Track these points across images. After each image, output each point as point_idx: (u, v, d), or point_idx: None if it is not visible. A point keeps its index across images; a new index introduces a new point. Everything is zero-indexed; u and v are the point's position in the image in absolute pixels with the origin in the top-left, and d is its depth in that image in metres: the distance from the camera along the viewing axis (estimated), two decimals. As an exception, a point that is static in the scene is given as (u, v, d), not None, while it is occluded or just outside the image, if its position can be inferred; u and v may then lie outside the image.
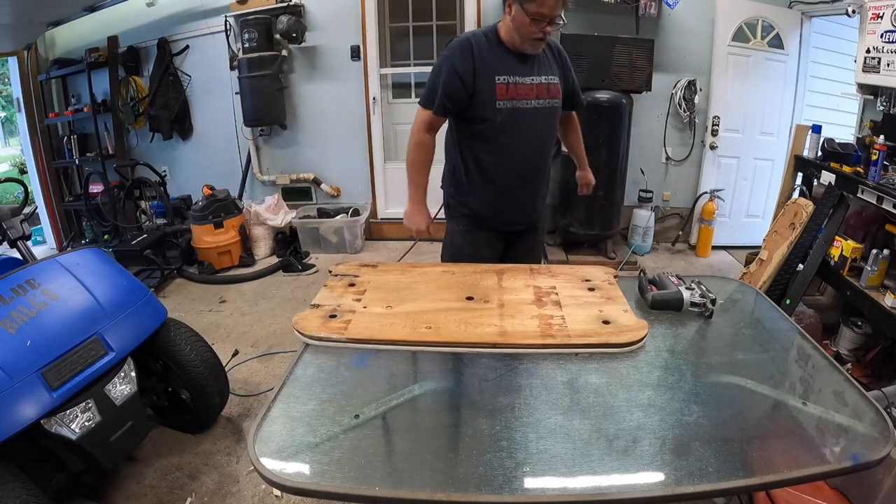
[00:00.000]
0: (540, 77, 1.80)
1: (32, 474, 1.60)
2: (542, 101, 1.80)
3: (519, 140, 1.81)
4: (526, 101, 1.78)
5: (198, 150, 4.78)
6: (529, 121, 1.80)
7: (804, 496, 1.51)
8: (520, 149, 1.83)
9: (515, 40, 1.73)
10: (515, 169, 1.86)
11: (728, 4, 3.82)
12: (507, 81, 1.74)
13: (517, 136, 1.80)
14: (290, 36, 4.06)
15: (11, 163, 7.61)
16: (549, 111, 1.84)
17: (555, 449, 0.94)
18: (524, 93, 1.77)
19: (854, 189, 2.51)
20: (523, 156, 1.85)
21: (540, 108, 1.81)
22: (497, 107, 1.75)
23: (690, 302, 1.38)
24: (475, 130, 1.81)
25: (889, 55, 2.55)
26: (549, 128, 1.89)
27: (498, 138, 1.80)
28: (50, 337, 1.67)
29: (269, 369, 2.72)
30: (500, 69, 1.74)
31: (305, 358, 1.23)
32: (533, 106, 1.79)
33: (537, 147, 1.87)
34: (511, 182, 1.88)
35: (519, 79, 1.76)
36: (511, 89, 1.75)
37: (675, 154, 4.22)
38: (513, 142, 1.81)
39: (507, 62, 1.75)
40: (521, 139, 1.81)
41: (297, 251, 4.29)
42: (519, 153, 1.83)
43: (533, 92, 1.78)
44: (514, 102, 1.76)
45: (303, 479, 0.89)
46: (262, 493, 1.92)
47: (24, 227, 2.19)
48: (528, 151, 1.85)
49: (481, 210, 1.92)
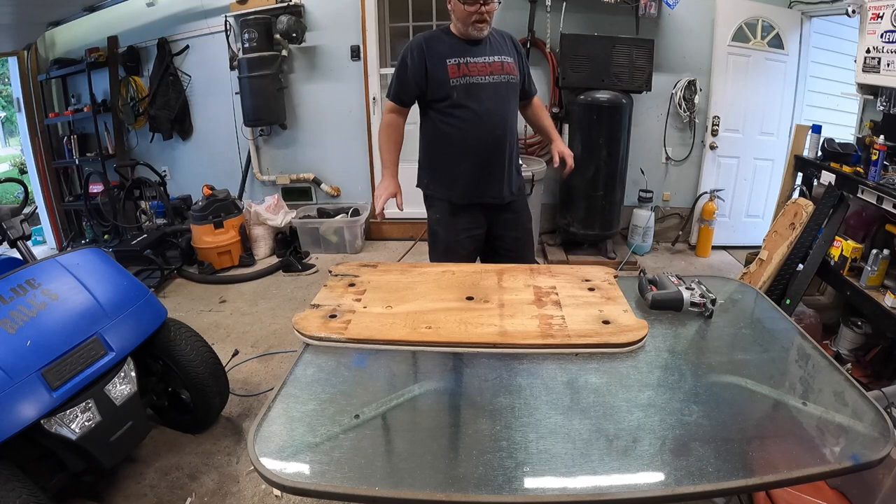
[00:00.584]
0: (493, 56, 2.00)
1: (32, 474, 1.60)
2: (497, 77, 1.99)
3: (478, 112, 1.98)
4: (480, 77, 1.97)
5: (198, 150, 4.78)
6: (486, 94, 1.98)
7: (804, 496, 1.51)
8: (479, 120, 1.98)
9: (461, 28, 1.97)
10: (480, 139, 2.01)
11: (728, 4, 3.82)
12: (457, 62, 1.96)
13: (476, 108, 1.97)
14: (290, 36, 4.06)
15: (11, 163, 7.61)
16: (505, 86, 2.02)
17: (555, 449, 0.94)
18: (477, 70, 1.97)
19: (854, 189, 2.51)
20: (484, 126, 2.00)
21: (496, 83, 1.99)
22: (451, 84, 1.96)
23: (690, 302, 1.38)
24: (438, 109, 2.01)
25: (889, 55, 2.55)
26: (507, 101, 2.04)
27: (457, 112, 1.99)
28: (50, 337, 1.67)
29: (269, 369, 2.72)
30: (450, 54, 1.97)
31: (305, 358, 1.23)
32: (488, 81, 1.98)
33: (498, 118, 2.01)
34: (478, 153, 2.02)
35: (471, 59, 1.97)
36: (462, 68, 1.96)
37: (675, 154, 4.22)
38: (472, 115, 1.98)
39: (458, 48, 1.98)
40: (480, 111, 1.98)
41: (297, 251, 4.29)
42: (479, 123, 1.99)
43: (487, 69, 1.98)
44: (468, 78, 1.96)
45: (303, 479, 0.89)
46: (262, 493, 1.92)
47: (24, 227, 2.19)
48: (488, 122, 2.00)
49: (455, 186, 2.06)
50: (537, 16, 3.89)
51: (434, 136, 2.07)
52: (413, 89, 2.00)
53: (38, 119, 4.75)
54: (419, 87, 1.99)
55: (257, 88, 4.15)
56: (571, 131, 3.78)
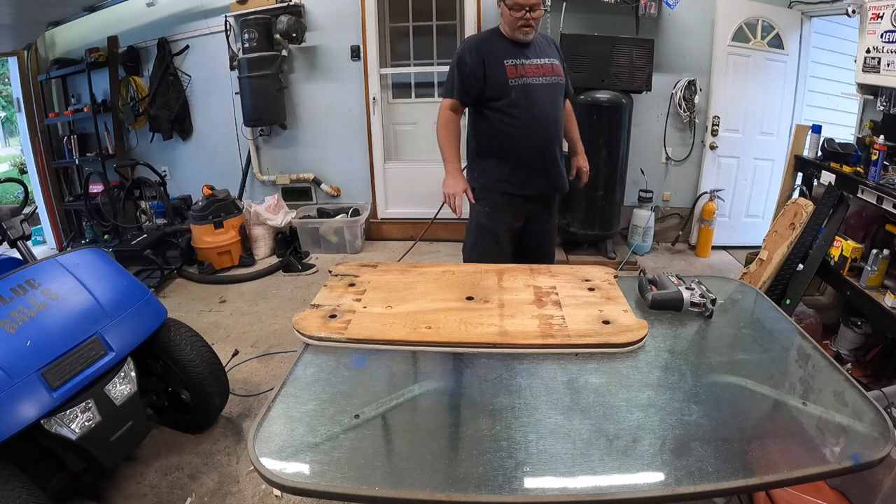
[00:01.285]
0: (542, 59, 2.11)
1: (32, 474, 1.60)
2: (548, 79, 2.11)
3: (533, 111, 2.09)
4: (535, 78, 2.08)
5: (198, 150, 4.78)
6: (540, 95, 2.10)
7: (804, 496, 1.51)
8: (535, 119, 2.10)
9: (508, 32, 2.07)
10: (534, 137, 2.12)
11: (728, 4, 3.82)
12: (514, 63, 2.06)
13: (531, 108, 2.09)
14: (290, 36, 4.06)
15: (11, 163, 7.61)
16: (555, 87, 2.15)
17: (555, 449, 0.94)
18: (532, 71, 2.08)
19: (854, 189, 2.51)
20: (540, 125, 2.12)
21: (547, 84, 2.11)
22: (510, 84, 2.06)
23: (690, 302, 1.38)
24: (494, 108, 2.10)
25: (889, 55, 2.55)
26: (558, 102, 2.18)
27: (515, 112, 2.09)
28: (50, 337, 1.67)
29: (269, 369, 2.72)
30: (507, 55, 2.07)
31: (305, 358, 1.23)
32: (541, 82, 2.10)
33: (551, 117, 2.15)
34: (534, 149, 2.14)
35: (525, 61, 2.08)
36: (520, 68, 2.07)
37: (675, 154, 4.22)
38: (528, 114, 2.09)
39: (511, 49, 2.08)
40: (534, 111, 2.09)
41: (297, 251, 4.29)
42: (535, 123, 2.11)
43: (539, 70, 2.09)
44: (525, 80, 2.07)
45: (303, 479, 0.89)
46: (262, 493, 1.92)
47: (24, 227, 2.19)
48: (543, 121, 2.12)
49: (511, 179, 2.16)
50: (537, 16, 3.88)
51: (490, 133, 2.16)
52: (473, 88, 2.08)
53: (38, 119, 4.75)
54: (479, 85, 2.08)
55: (257, 88, 4.15)
56: (571, 131, 3.78)
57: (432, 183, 2.06)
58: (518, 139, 2.12)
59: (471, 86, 2.09)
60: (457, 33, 4.28)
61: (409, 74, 4.43)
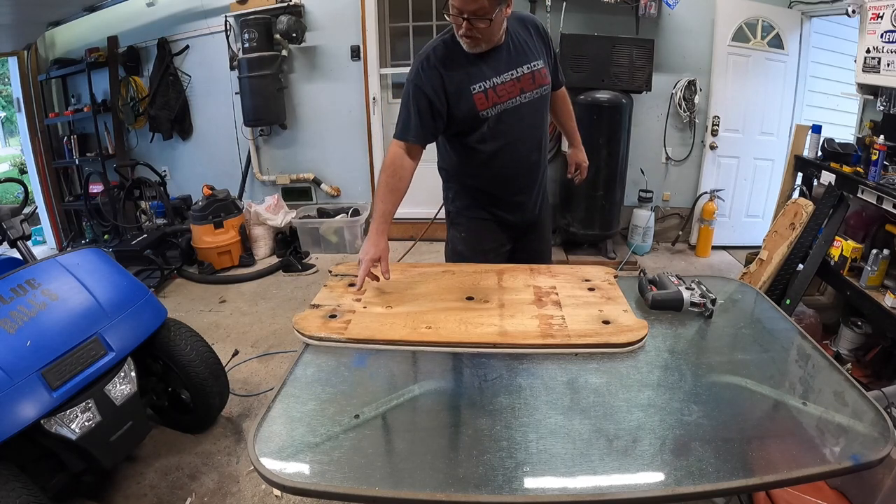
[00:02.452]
0: (521, 67, 1.64)
1: (32, 474, 1.60)
2: (529, 94, 1.66)
3: (511, 141, 1.70)
4: (512, 100, 1.64)
5: (198, 150, 4.78)
6: (521, 117, 1.68)
7: (804, 496, 1.51)
8: (513, 149, 1.72)
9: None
10: (514, 166, 1.75)
11: (728, 4, 3.82)
12: (483, 88, 1.61)
13: (508, 137, 1.69)
14: (290, 36, 4.06)
15: (11, 163, 7.61)
16: (538, 101, 1.70)
17: (555, 449, 0.94)
18: (507, 92, 1.63)
19: (854, 189, 2.51)
20: (518, 154, 1.74)
21: (528, 102, 1.67)
22: (481, 116, 1.63)
23: (690, 302, 1.38)
24: (465, 141, 1.70)
25: (889, 55, 2.55)
26: (542, 118, 1.76)
27: (488, 146, 1.69)
28: (50, 337, 1.67)
29: (269, 369, 2.72)
30: (473, 78, 1.60)
31: (305, 358, 1.23)
32: (520, 102, 1.66)
33: (532, 142, 1.75)
34: (508, 183, 1.78)
35: (497, 79, 1.61)
36: (491, 94, 1.61)
37: (675, 154, 4.22)
38: (505, 144, 1.70)
39: (476, 68, 1.60)
40: (513, 139, 1.70)
41: (297, 251, 4.29)
42: (513, 154, 1.73)
43: (517, 87, 1.64)
44: (500, 106, 1.64)
45: (303, 479, 0.89)
46: (262, 493, 1.92)
47: (24, 227, 2.19)
48: (522, 150, 1.74)
49: (481, 213, 1.85)
50: (537, 16, 3.89)
51: (459, 164, 1.79)
52: (437, 127, 1.64)
53: (38, 119, 4.75)
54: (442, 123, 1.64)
55: (257, 88, 4.15)
56: (571, 131, 3.78)
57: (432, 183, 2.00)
58: (492, 173, 1.75)
59: (431, 125, 1.62)
60: (457, 33, 4.27)
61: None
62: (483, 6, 1.44)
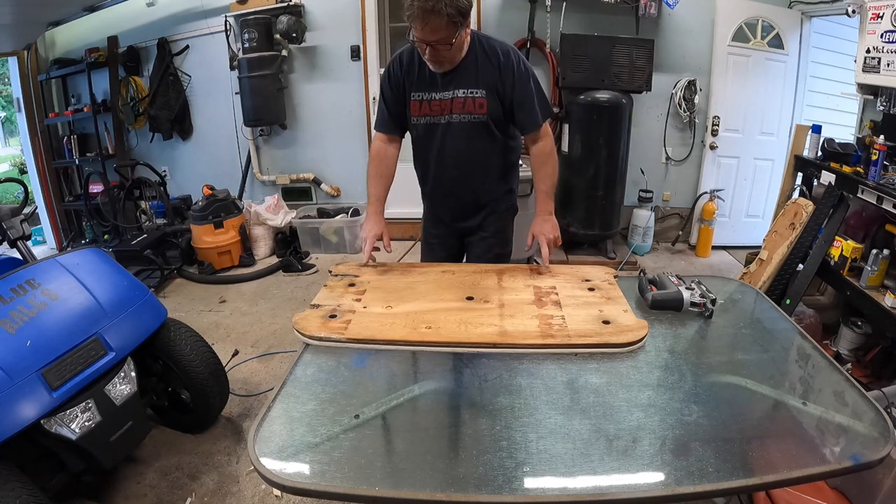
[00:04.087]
0: (459, 90, 1.70)
1: (32, 474, 1.60)
2: (458, 116, 1.73)
3: (434, 154, 1.82)
4: (439, 117, 1.75)
5: (198, 150, 4.78)
6: (443, 136, 1.77)
7: (804, 496, 1.51)
8: (437, 163, 1.83)
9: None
10: (440, 180, 1.88)
11: (728, 4, 3.82)
12: (420, 98, 1.75)
13: (432, 150, 1.81)
14: (290, 36, 4.06)
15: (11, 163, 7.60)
16: (468, 126, 1.74)
17: (555, 449, 0.94)
18: (437, 108, 1.74)
19: (854, 189, 2.51)
20: (441, 169, 1.84)
21: (454, 124, 1.74)
22: (412, 122, 1.79)
23: (690, 302, 1.38)
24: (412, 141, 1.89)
25: (889, 55, 2.55)
26: (468, 143, 1.77)
27: (419, 152, 1.87)
28: (50, 337, 1.67)
29: (269, 369, 2.72)
30: (418, 85, 1.74)
31: (305, 358, 1.23)
32: (447, 122, 1.75)
33: (455, 162, 1.81)
34: (440, 190, 1.91)
35: (434, 94, 1.73)
36: (424, 106, 1.75)
37: (675, 154, 4.22)
38: (430, 156, 1.83)
39: (424, 78, 1.72)
40: (435, 154, 1.81)
41: (297, 251, 4.29)
42: (437, 167, 1.84)
43: (447, 107, 1.73)
44: (428, 118, 1.76)
45: (303, 479, 0.89)
46: (262, 493, 1.92)
47: (24, 227, 2.19)
48: (444, 165, 1.83)
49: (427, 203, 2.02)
50: (537, 16, 3.89)
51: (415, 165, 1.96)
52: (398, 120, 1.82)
53: (38, 119, 4.75)
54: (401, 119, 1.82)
55: (257, 88, 4.15)
56: (571, 131, 3.78)
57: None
58: (427, 176, 1.89)
59: (397, 117, 1.81)
60: (457, 33, 4.27)
61: (409, 74, 4.42)
62: (443, 35, 1.54)
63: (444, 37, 1.54)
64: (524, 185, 3.38)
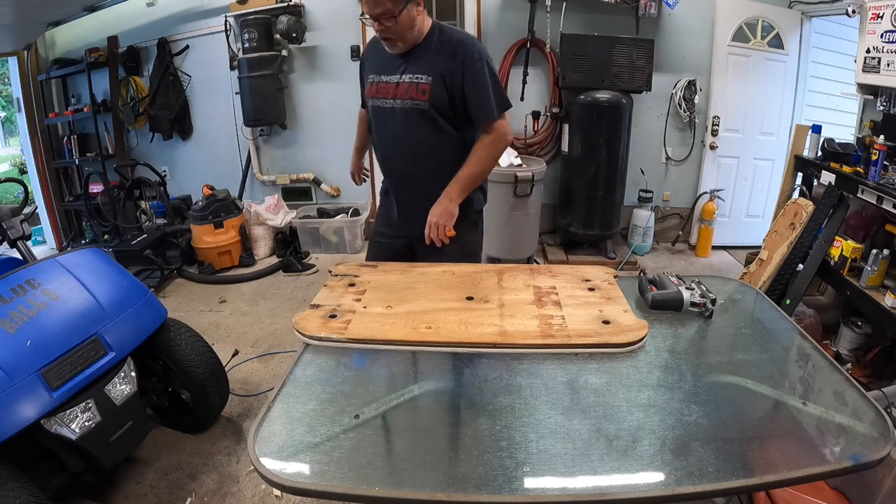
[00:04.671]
0: (406, 76, 1.70)
1: (32, 474, 1.60)
2: (402, 102, 1.72)
3: (383, 139, 1.84)
4: (385, 101, 1.76)
5: (198, 150, 4.78)
6: (389, 121, 1.78)
7: (804, 496, 1.51)
8: (385, 148, 1.85)
9: None
10: (389, 168, 1.88)
11: (728, 4, 3.82)
12: (374, 80, 1.79)
13: (381, 135, 1.84)
14: (290, 36, 4.06)
15: (11, 163, 7.60)
16: (411, 112, 1.72)
17: (555, 449, 0.94)
18: (384, 91, 1.75)
19: (854, 189, 2.51)
20: (388, 155, 1.85)
21: (399, 109, 1.74)
22: (365, 102, 1.88)
23: (690, 302, 1.38)
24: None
25: (889, 55, 2.55)
26: (410, 131, 1.75)
27: (372, 135, 1.90)
28: (50, 337, 1.67)
29: (269, 369, 2.72)
30: (374, 67, 1.80)
31: (305, 358, 1.23)
32: (391, 106, 1.75)
33: (399, 149, 1.80)
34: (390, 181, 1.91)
35: (385, 77, 1.75)
36: (374, 87, 1.78)
37: (675, 154, 4.22)
38: (380, 140, 1.86)
39: (383, 60, 1.76)
40: (384, 139, 1.84)
41: (297, 251, 4.29)
42: (387, 152, 1.86)
43: (394, 91, 1.73)
44: (377, 101, 1.79)
45: (303, 479, 0.89)
46: (262, 493, 1.92)
47: (24, 227, 2.19)
48: (391, 152, 1.84)
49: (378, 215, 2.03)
50: (537, 16, 3.89)
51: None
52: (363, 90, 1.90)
53: (38, 119, 4.75)
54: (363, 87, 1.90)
55: (257, 88, 4.15)
56: (571, 131, 3.78)
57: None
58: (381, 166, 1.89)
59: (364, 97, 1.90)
60: (457, 33, 4.27)
61: (409, 74, 4.42)
62: (387, 8, 1.57)
63: (388, 10, 1.57)
64: (523, 184, 3.41)
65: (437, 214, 1.71)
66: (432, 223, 1.71)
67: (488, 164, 1.76)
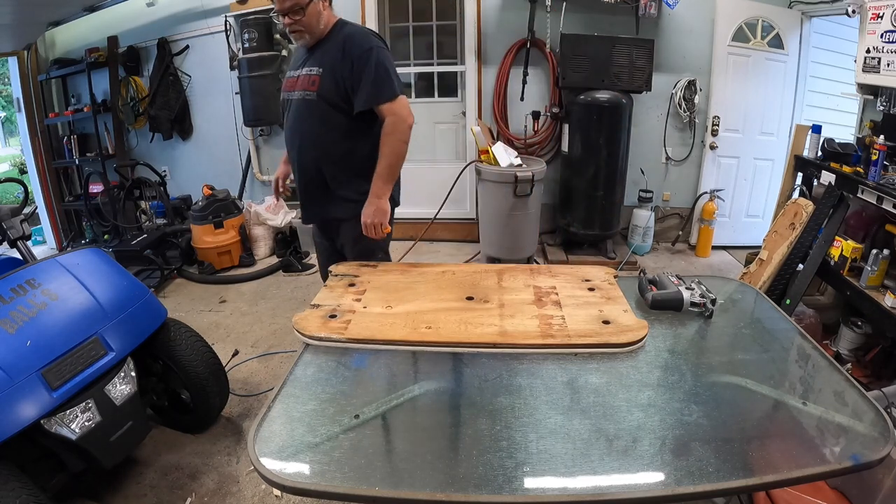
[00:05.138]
0: (304, 69, 1.82)
1: (32, 474, 1.60)
2: (298, 93, 1.83)
3: (285, 131, 1.94)
4: (290, 94, 1.87)
5: (198, 150, 4.78)
6: (289, 112, 1.89)
7: (804, 496, 1.51)
8: (286, 139, 1.95)
9: None
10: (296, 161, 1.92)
11: (728, 4, 3.82)
12: (289, 75, 1.90)
13: (285, 127, 1.94)
14: (289, 36, 4.05)
15: (11, 163, 7.61)
16: (301, 103, 1.82)
17: (555, 449, 0.94)
18: (290, 85, 1.87)
19: (854, 189, 2.51)
20: (295, 147, 1.90)
21: (295, 101, 1.85)
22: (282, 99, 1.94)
23: (690, 302, 1.38)
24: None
25: (889, 55, 2.55)
26: (310, 122, 1.82)
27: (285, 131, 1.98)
28: (50, 337, 1.67)
29: (269, 369, 2.72)
30: (292, 65, 1.93)
31: (305, 358, 1.23)
32: (290, 98, 1.87)
33: (301, 140, 1.87)
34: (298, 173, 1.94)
35: (292, 72, 1.88)
36: (287, 82, 1.90)
37: (675, 154, 4.22)
38: (286, 134, 1.95)
39: (297, 58, 1.92)
40: (286, 131, 1.94)
41: (297, 251, 4.29)
42: (292, 145, 1.91)
43: (293, 84, 1.85)
44: (284, 94, 1.91)
45: (303, 479, 0.89)
46: (262, 493, 1.92)
47: (24, 227, 2.19)
48: (299, 144, 1.88)
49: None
50: (537, 16, 3.89)
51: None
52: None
53: (38, 119, 4.75)
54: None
55: (257, 88, 4.15)
56: (571, 131, 3.78)
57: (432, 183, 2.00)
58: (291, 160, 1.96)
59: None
60: (457, 33, 4.27)
61: (409, 74, 4.43)
62: (296, 2, 1.68)
63: (296, 4, 1.69)
64: (523, 184, 3.41)
65: (370, 214, 1.79)
66: (367, 224, 1.79)
67: (399, 149, 1.79)
